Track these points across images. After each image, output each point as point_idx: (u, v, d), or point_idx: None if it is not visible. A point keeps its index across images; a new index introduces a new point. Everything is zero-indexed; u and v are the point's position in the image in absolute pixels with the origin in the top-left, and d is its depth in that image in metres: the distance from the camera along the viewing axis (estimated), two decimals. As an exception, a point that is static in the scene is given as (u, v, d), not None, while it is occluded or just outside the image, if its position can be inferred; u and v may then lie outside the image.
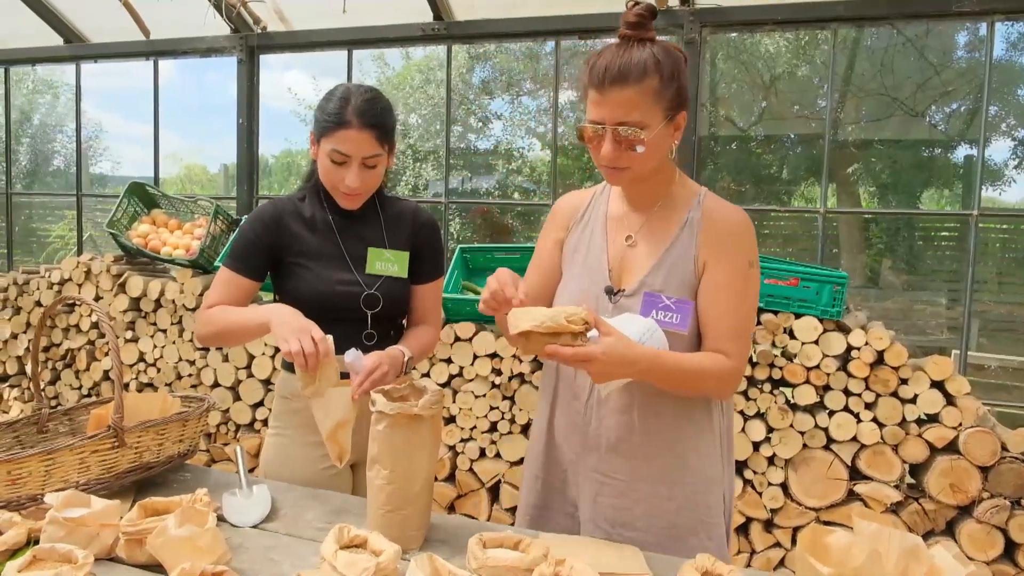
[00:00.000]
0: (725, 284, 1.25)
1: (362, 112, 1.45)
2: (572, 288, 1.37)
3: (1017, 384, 5.11)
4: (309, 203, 1.60)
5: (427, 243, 1.64)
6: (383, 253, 1.59)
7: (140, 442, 1.35)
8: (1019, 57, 6.80)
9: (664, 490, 1.31)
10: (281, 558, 1.19)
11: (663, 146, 1.24)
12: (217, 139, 18.04)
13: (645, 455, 1.31)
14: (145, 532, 1.14)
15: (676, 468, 1.31)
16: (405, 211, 1.65)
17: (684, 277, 1.27)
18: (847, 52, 6.04)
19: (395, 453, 1.24)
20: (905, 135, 7.21)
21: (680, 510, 1.31)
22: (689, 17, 2.95)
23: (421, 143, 10.32)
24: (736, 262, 1.26)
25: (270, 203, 1.61)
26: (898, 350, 2.52)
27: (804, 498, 2.60)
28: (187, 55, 3.70)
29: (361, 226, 1.61)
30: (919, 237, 7.21)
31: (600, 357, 1.11)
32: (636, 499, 1.32)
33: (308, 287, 1.55)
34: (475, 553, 1.12)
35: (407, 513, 1.25)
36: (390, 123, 1.50)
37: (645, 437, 1.30)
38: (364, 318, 1.57)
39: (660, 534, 1.31)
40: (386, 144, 1.51)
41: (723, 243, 1.27)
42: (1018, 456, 2.42)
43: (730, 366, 1.24)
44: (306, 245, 1.56)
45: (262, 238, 1.56)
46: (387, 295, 1.58)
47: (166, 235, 3.49)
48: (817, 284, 2.58)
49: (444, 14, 3.28)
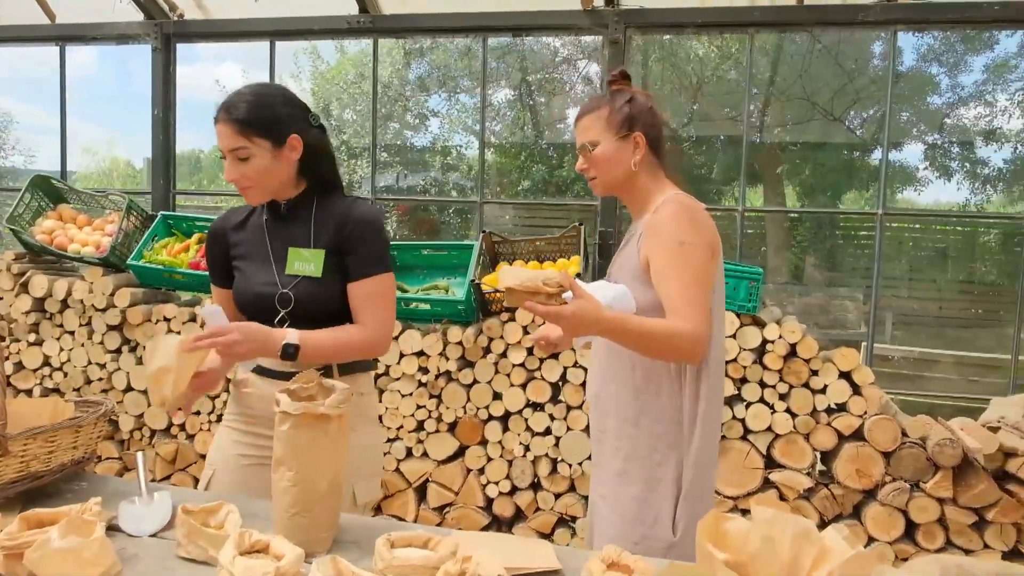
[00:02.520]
0: (664, 266, 1.43)
1: (226, 107, 1.52)
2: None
3: (919, 373, 5.41)
4: (255, 208, 1.67)
5: (357, 239, 1.57)
6: (301, 253, 1.57)
7: (27, 450, 1.27)
8: (928, 67, 7.21)
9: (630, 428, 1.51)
10: (177, 567, 1.14)
11: (621, 160, 1.52)
12: (143, 132, 17.28)
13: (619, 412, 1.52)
14: (25, 546, 1.08)
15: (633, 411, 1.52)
16: (337, 208, 1.60)
17: (633, 272, 1.48)
18: (770, 58, 6.27)
19: (300, 454, 1.21)
20: (826, 138, 7.54)
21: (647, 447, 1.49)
22: (614, 17, 2.99)
23: (356, 139, 10.15)
24: (666, 245, 1.43)
25: (220, 217, 1.72)
26: (809, 343, 2.63)
27: (723, 487, 2.68)
28: (97, 41, 3.51)
29: (291, 226, 1.60)
30: (839, 236, 7.56)
31: (569, 316, 1.30)
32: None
33: (237, 289, 1.63)
34: (381, 553, 1.10)
35: (314, 515, 1.22)
36: (253, 116, 1.49)
37: (617, 387, 1.53)
38: (284, 319, 1.55)
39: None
40: (256, 137, 1.50)
41: (654, 233, 1.45)
42: (917, 441, 2.56)
43: (681, 326, 1.38)
44: (242, 248, 1.64)
45: (213, 250, 1.69)
46: (302, 295, 1.55)
47: (74, 231, 3.31)
48: (735, 280, 2.66)
49: (371, 7, 3.23)
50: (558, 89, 8.87)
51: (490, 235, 3.10)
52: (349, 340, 1.55)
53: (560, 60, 8.65)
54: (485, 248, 3.08)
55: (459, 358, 2.84)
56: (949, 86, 7.63)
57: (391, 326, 1.61)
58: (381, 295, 1.57)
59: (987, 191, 8.05)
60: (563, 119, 9.40)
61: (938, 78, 7.55)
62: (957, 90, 7.72)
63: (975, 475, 2.48)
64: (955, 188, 8.27)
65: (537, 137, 9.01)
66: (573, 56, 8.59)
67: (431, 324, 2.92)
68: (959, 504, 2.50)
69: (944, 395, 4.81)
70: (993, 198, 8.06)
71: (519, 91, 8.64)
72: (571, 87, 8.99)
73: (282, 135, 1.53)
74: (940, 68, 7.54)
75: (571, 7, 3.04)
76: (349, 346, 1.55)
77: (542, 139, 9.11)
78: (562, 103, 9.10)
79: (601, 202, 3.15)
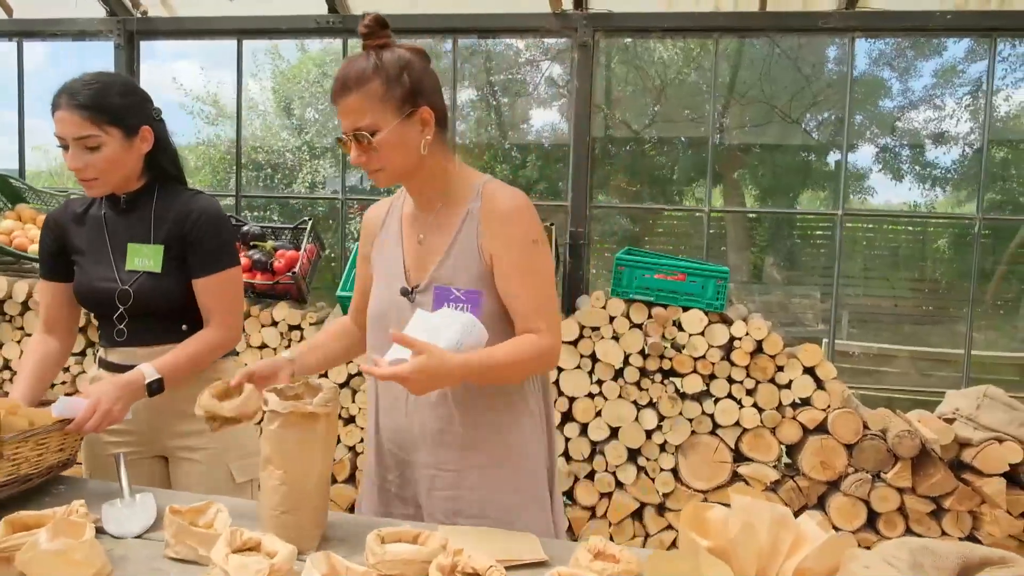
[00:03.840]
0: (514, 267, 1.28)
1: (71, 93, 1.46)
2: (376, 295, 1.40)
3: (877, 368, 5.60)
4: (94, 201, 1.62)
5: (199, 234, 1.56)
6: (141, 248, 1.56)
7: (18, 453, 1.25)
8: (881, 72, 7.45)
9: (492, 473, 1.35)
10: (167, 567, 1.14)
11: (410, 143, 1.26)
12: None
13: (470, 443, 1.34)
14: (12, 549, 1.06)
15: (500, 451, 1.35)
16: (177, 202, 1.58)
17: (472, 267, 1.29)
18: (731, 62, 6.41)
19: (288, 453, 1.21)
20: (784, 140, 7.74)
21: (511, 490, 1.36)
22: (583, 21, 3.05)
23: (318, 139, 10.02)
24: (518, 244, 1.28)
25: (58, 208, 1.66)
26: (775, 339, 2.71)
27: (693, 481, 2.75)
28: (57, 38, 3.42)
29: (130, 220, 1.59)
30: (797, 236, 7.77)
31: (411, 376, 1.13)
32: (469, 486, 1.34)
33: (77, 284, 1.60)
34: (373, 549, 1.12)
35: (302, 514, 1.23)
36: (105, 103, 1.47)
37: (465, 427, 1.33)
38: (122, 315, 1.56)
39: (496, 515, 1.34)
40: (107, 126, 1.48)
41: (503, 230, 1.29)
42: (877, 433, 2.67)
43: (545, 342, 1.27)
44: (80, 242, 1.60)
45: (47, 241, 1.63)
46: (141, 291, 1.55)
47: (34, 232, 3.22)
48: (702, 279, 2.73)
49: (340, 7, 3.22)
50: (522, 90, 8.92)
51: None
52: (203, 349, 1.57)
53: (524, 61, 8.71)
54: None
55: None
56: (900, 90, 7.92)
57: (241, 318, 1.66)
58: (227, 290, 1.59)
59: (935, 192, 8.38)
60: (527, 120, 9.47)
61: (889, 82, 7.82)
62: (907, 94, 8.01)
63: (932, 465, 2.60)
64: (906, 189, 8.57)
65: (502, 137, 9.05)
66: (536, 58, 8.66)
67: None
68: (918, 493, 2.62)
69: (900, 389, 4.99)
70: (940, 199, 8.39)
71: (483, 92, 8.66)
72: (534, 88, 9.06)
73: (134, 125, 1.52)
74: (891, 73, 7.82)
75: (540, 10, 3.08)
76: (204, 354, 1.57)
77: (506, 140, 9.14)
78: (525, 104, 9.16)
79: (572, 201, 3.20)
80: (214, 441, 1.63)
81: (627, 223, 6.96)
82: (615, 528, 2.79)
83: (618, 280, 2.78)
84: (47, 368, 1.62)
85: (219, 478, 1.64)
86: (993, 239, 5.99)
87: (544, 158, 9.15)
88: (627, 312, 2.76)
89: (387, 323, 1.32)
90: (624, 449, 2.77)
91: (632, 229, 6.95)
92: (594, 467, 2.80)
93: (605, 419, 2.77)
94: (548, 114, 9.73)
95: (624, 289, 2.77)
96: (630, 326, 2.76)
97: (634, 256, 2.88)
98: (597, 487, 2.80)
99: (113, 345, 1.61)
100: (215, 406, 1.33)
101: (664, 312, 2.74)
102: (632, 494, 2.79)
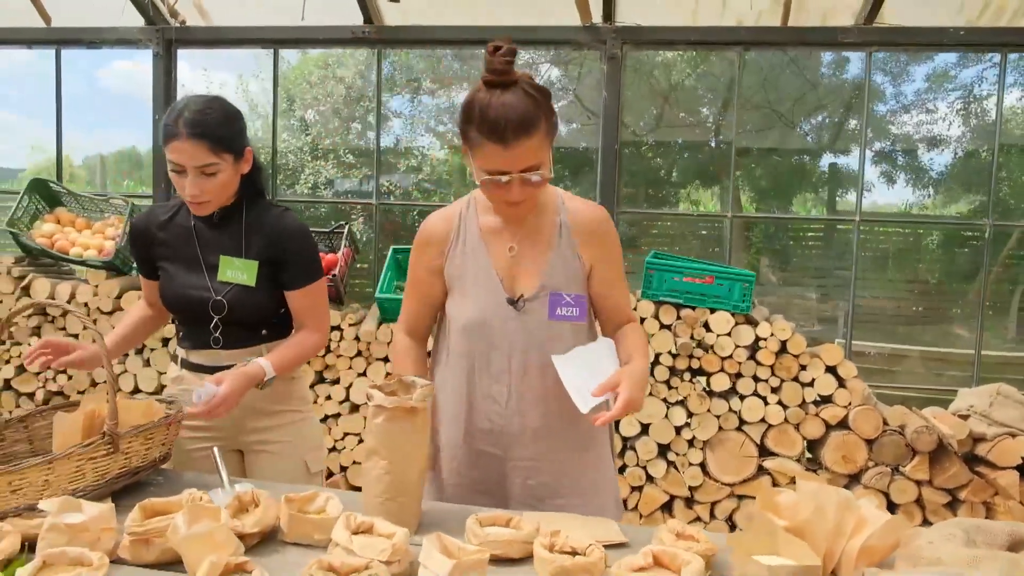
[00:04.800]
0: (615, 275, 1.49)
1: (192, 123, 1.51)
2: (472, 306, 1.45)
3: (890, 368, 5.75)
4: (180, 209, 1.71)
5: (290, 251, 1.66)
6: (234, 262, 1.66)
7: (130, 447, 1.35)
8: (873, 75, 7.60)
9: (580, 459, 1.50)
10: (285, 548, 1.24)
11: (549, 173, 1.36)
12: (80, 130, 16.73)
13: (566, 435, 1.47)
14: (152, 532, 1.17)
15: (587, 439, 1.50)
16: (267, 220, 1.68)
17: (574, 275, 1.44)
18: (735, 68, 6.55)
19: (392, 445, 1.31)
20: (783, 144, 7.89)
21: (593, 475, 1.52)
22: (612, 34, 3.16)
23: (319, 140, 10.07)
24: (615, 254, 1.49)
25: (143, 213, 1.75)
26: (798, 340, 2.84)
27: (720, 475, 2.88)
28: (95, 46, 3.51)
29: (220, 234, 1.67)
30: (790, 238, 7.93)
31: (632, 403, 1.29)
32: (561, 472, 1.48)
33: (165, 289, 1.70)
34: (474, 531, 1.23)
35: (404, 501, 1.33)
36: (223, 132, 1.55)
37: (563, 421, 1.45)
38: (216, 324, 1.66)
39: (579, 499, 1.49)
40: (224, 153, 1.56)
41: (602, 242, 1.46)
42: (896, 429, 2.80)
43: (642, 329, 1.54)
44: (167, 250, 1.69)
45: (137, 246, 1.74)
46: (236, 302, 1.64)
47: (74, 235, 3.30)
48: (729, 282, 2.85)
49: (375, 18, 3.32)
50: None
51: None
52: (304, 349, 1.71)
53: (522, 64, 8.81)
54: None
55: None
56: (893, 94, 8.09)
57: (329, 322, 1.84)
58: (319, 300, 1.73)
59: (928, 194, 8.56)
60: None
61: (883, 87, 7.99)
62: (900, 99, 8.18)
63: (948, 459, 2.73)
64: (899, 192, 8.74)
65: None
66: (535, 60, 8.76)
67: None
68: (934, 485, 2.75)
69: (909, 387, 5.15)
70: (930, 201, 8.57)
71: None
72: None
73: (242, 148, 1.61)
74: (885, 77, 7.99)
75: (570, 23, 3.19)
76: (306, 355, 1.72)
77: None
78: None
79: (598, 208, 3.30)
80: (288, 435, 1.76)
81: (623, 227, 7.09)
82: (645, 520, 2.91)
83: (648, 283, 2.90)
84: (138, 331, 1.82)
85: (294, 469, 1.75)
86: (992, 243, 6.14)
87: (544, 160, 9.25)
88: (656, 313, 2.88)
89: (489, 332, 1.43)
90: (654, 444, 2.89)
91: (628, 232, 7.08)
92: (625, 461, 2.92)
93: (636, 416, 2.89)
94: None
95: (654, 292, 2.89)
96: (660, 327, 2.88)
97: (663, 260, 3.00)
98: (629, 480, 2.92)
99: (198, 348, 1.71)
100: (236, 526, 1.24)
101: (692, 313, 2.86)
102: (662, 487, 2.91)
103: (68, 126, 3.52)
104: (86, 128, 11.63)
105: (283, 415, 1.75)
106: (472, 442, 1.50)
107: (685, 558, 1.12)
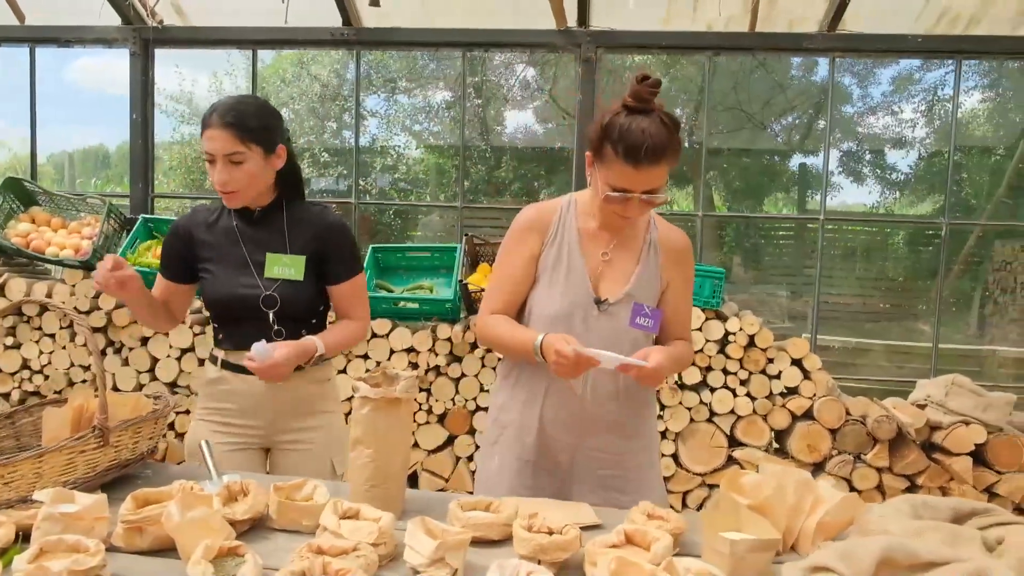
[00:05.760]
0: (685, 298, 1.64)
1: (224, 113, 1.60)
2: (558, 300, 1.56)
3: (849, 361, 5.93)
4: (222, 212, 1.76)
5: (333, 246, 1.74)
6: (281, 258, 1.71)
7: (120, 441, 1.39)
8: (841, 78, 7.82)
9: (639, 449, 1.65)
10: (273, 535, 1.29)
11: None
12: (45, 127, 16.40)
13: (631, 428, 1.63)
14: (146, 520, 1.21)
15: (645, 432, 1.66)
16: (310, 216, 1.75)
17: (654, 290, 1.59)
18: (706, 71, 6.69)
19: (377, 434, 1.37)
20: (752, 145, 8.07)
21: (647, 464, 1.67)
22: (586, 38, 3.24)
23: (294, 139, 10.00)
24: (690, 280, 1.66)
25: (185, 215, 1.80)
26: (766, 334, 2.95)
27: (692, 465, 2.97)
28: (71, 45, 3.49)
29: (263, 232, 1.73)
30: (761, 237, 8.11)
31: (665, 367, 1.46)
32: (627, 467, 1.63)
33: (212, 290, 1.72)
34: (456, 515, 1.29)
35: (388, 487, 1.38)
36: (253, 124, 1.62)
37: (629, 417, 1.61)
38: (267, 318, 1.71)
39: (634, 486, 1.63)
40: (252, 143, 1.62)
41: (681, 265, 1.62)
42: (858, 419, 2.92)
43: (691, 351, 1.69)
44: (211, 251, 1.72)
45: (175, 246, 1.76)
46: (285, 297, 1.70)
47: (50, 235, 3.29)
48: (700, 279, 2.95)
49: (354, 20, 3.35)
50: (496, 92, 9.09)
51: (472, 238, 3.29)
52: (351, 335, 1.80)
53: (498, 63, 8.87)
54: (467, 250, 3.27)
55: (447, 353, 3.01)
56: (860, 96, 8.32)
57: (370, 314, 1.88)
58: (361, 292, 1.82)
59: (895, 194, 8.81)
60: (501, 122, 9.64)
61: (850, 89, 8.21)
62: (867, 100, 8.42)
63: (907, 447, 2.86)
64: (866, 192, 8.98)
65: (478, 139, 9.18)
66: (511, 60, 8.84)
67: (419, 322, 3.09)
68: (894, 472, 2.88)
69: (872, 379, 5.33)
70: (896, 201, 8.83)
71: (457, 94, 8.80)
72: (509, 90, 9.24)
73: (273, 143, 1.67)
74: (852, 80, 8.21)
75: (546, 27, 3.26)
76: (351, 340, 1.82)
77: (483, 141, 9.29)
78: (500, 106, 9.33)
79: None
80: (321, 435, 1.81)
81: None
82: (619, 511, 2.99)
83: (621, 280, 2.98)
84: (158, 308, 1.79)
85: (320, 469, 1.79)
86: (949, 241, 6.37)
87: (518, 159, 9.33)
88: (630, 310, 2.97)
89: (572, 325, 1.54)
90: (628, 437, 2.98)
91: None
92: (600, 454, 3.00)
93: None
94: (523, 116, 9.91)
95: (627, 288, 2.97)
96: (633, 323, 2.96)
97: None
98: (603, 473, 3.00)
99: (240, 348, 1.70)
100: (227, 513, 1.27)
101: (664, 309, 2.95)
102: (635, 479, 3.00)
103: (16, 122, 3.49)
104: (52, 125, 11.41)
105: (318, 416, 1.80)
106: (543, 426, 1.61)
107: (655, 535, 1.19)
